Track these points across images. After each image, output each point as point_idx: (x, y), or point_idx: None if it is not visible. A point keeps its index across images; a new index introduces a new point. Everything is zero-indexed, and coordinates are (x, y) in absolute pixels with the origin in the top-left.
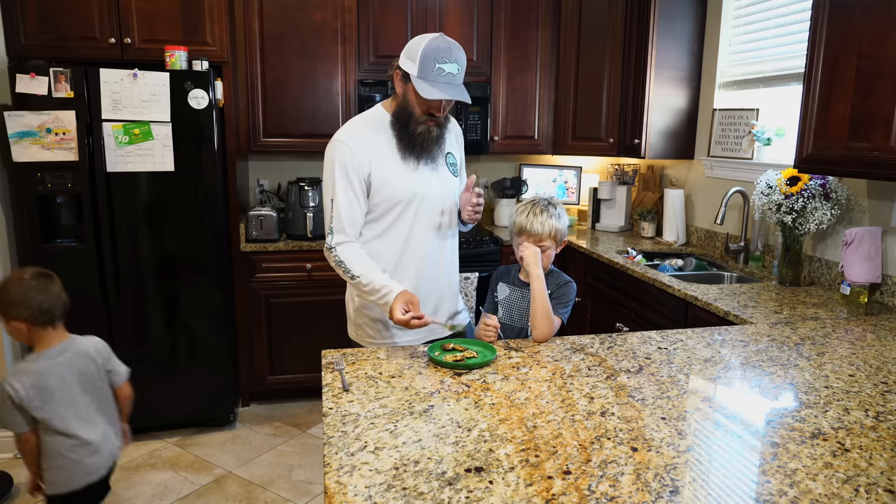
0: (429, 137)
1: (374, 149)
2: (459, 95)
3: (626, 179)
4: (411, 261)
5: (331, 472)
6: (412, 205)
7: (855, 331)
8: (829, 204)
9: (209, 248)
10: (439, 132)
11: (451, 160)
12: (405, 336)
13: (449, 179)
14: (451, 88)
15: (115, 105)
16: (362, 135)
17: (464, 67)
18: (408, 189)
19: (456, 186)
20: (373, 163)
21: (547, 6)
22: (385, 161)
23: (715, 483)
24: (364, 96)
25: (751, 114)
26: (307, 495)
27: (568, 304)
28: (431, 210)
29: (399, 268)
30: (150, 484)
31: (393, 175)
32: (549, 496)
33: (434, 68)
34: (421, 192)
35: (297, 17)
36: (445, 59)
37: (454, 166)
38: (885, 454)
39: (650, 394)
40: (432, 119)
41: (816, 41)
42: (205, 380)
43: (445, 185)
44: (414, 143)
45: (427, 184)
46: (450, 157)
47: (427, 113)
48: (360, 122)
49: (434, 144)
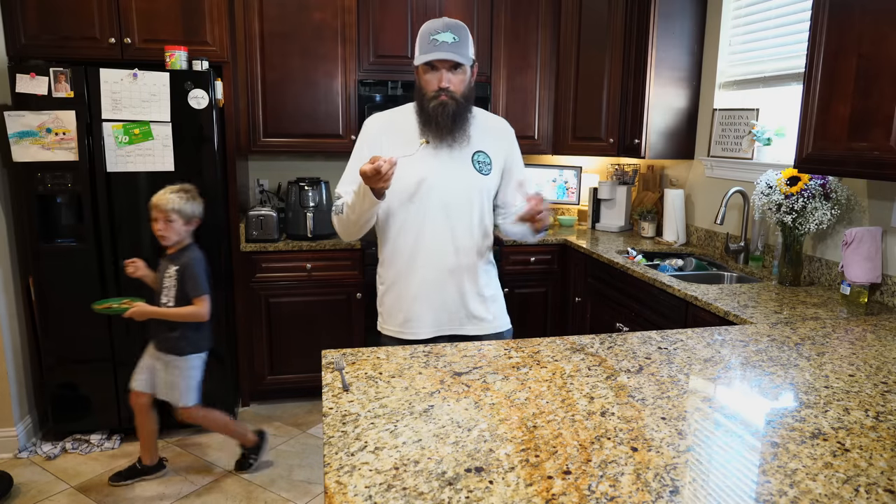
0: (444, 112)
1: (393, 129)
2: (446, 55)
3: (626, 179)
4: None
5: (331, 472)
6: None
7: (855, 331)
8: (829, 204)
9: (209, 248)
10: (456, 108)
11: (482, 158)
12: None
13: (470, 175)
14: (439, 52)
15: (115, 105)
16: (388, 116)
17: (462, 38)
18: (417, 172)
19: (483, 186)
20: (388, 141)
21: (547, 6)
22: (402, 142)
23: (715, 483)
24: (364, 96)
25: (751, 114)
26: (307, 495)
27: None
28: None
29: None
30: (149, 484)
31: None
32: (549, 496)
33: (428, 41)
34: (434, 179)
35: (297, 17)
36: (438, 30)
37: (484, 164)
38: (885, 454)
39: (650, 394)
40: (443, 93)
41: (816, 41)
42: (205, 380)
43: (464, 178)
44: (430, 120)
45: (442, 172)
46: (480, 154)
47: (436, 89)
48: (392, 109)
49: (450, 121)
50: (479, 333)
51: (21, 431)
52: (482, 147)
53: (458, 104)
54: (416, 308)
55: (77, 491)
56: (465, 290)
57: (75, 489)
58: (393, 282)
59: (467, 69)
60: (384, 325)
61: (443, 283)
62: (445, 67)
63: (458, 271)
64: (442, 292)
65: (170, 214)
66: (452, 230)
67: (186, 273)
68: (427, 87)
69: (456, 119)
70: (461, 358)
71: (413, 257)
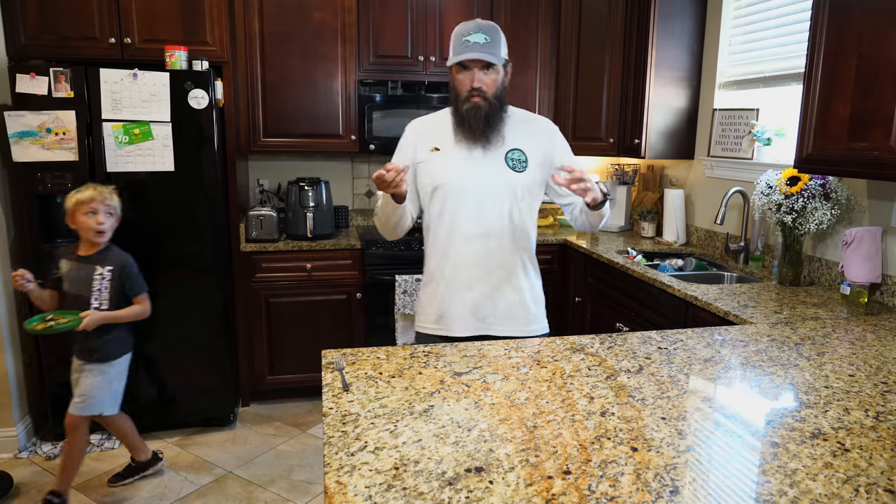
0: (476, 114)
1: (430, 132)
2: (477, 55)
3: (626, 179)
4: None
5: (331, 472)
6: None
7: (855, 331)
8: (829, 204)
9: (209, 248)
10: (489, 109)
11: (517, 155)
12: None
13: (503, 173)
14: (471, 53)
15: (115, 105)
16: (428, 120)
17: (494, 38)
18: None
19: (517, 183)
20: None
21: (547, 6)
22: (437, 144)
23: (715, 483)
24: (364, 96)
25: (751, 114)
26: (307, 495)
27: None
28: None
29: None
30: (149, 484)
31: (440, 159)
32: (549, 496)
33: (460, 42)
34: (466, 180)
35: (297, 17)
36: (470, 31)
37: (518, 162)
38: (885, 454)
39: (650, 394)
40: (476, 94)
41: (816, 41)
42: (205, 380)
43: (496, 177)
44: (464, 122)
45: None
46: (515, 152)
47: (469, 89)
48: (434, 113)
49: (483, 123)
50: (514, 335)
51: (21, 431)
52: (517, 145)
53: (491, 105)
54: (448, 305)
55: (77, 491)
56: (500, 290)
57: (75, 489)
58: (430, 278)
59: (500, 69)
60: (418, 323)
61: (475, 282)
62: (477, 67)
63: (491, 270)
64: (474, 291)
65: (111, 207)
66: (485, 230)
67: (125, 272)
68: (460, 88)
69: (489, 121)
70: (461, 358)
71: (445, 255)
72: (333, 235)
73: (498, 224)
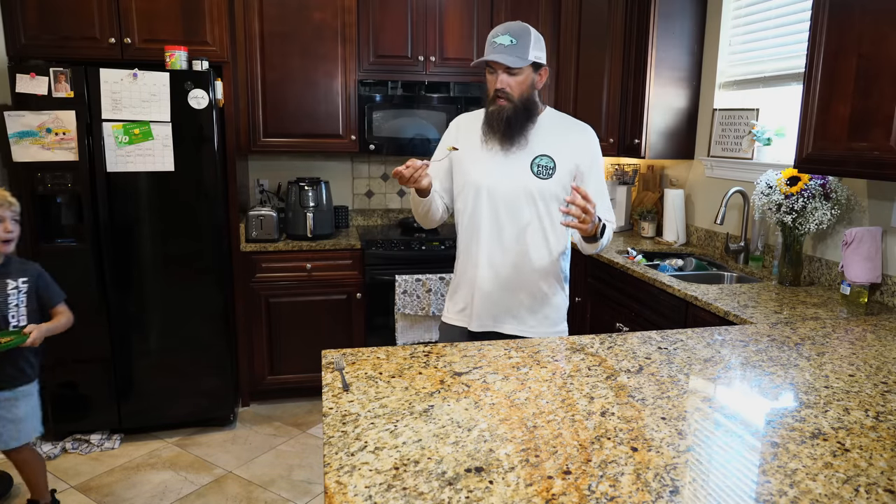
0: (499, 116)
1: (469, 129)
2: (497, 57)
3: (627, 179)
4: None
5: (331, 472)
6: (482, 192)
7: (855, 331)
8: (829, 204)
9: (209, 248)
10: (512, 112)
11: (544, 162)
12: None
13: (526, 178)
14: (492, 55)
15: (115, 105)
16: (472, 116)
17: (521, 40)
18: (475, 173)
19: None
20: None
21: (547, 6)
22: (469, 144)
23: (715, 483)
24: (364, 96)
25: (751, 114)
26: (307, 495)
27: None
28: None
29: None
30: (149, 484)
31: (468, 157)
32: (549, 496)
33: (489, 43)
34: (485, 181)
35: (297, 17)
36: (498, 33)
37: (545, 168)
38: (885, 454)
39: (650, 394)
40: (500, 97)
41: (816, 41)
42: (205, 380)
43: (517, 181)
44: (489, 123)
45: (495, 174)
46: (543, 158)
47: (494, 91)
48: (479, 110)
49: (504, 125)
50: (530, 335)
51: None
52: (547, 151)
53: (515, 107)
54: (469, 300)
55: (77, 491)
56: (518, 292)
57: (75, 489)
58: (459, 272)
59: (527, 71)
60: (446, 313)
61: (494, 282)
62: (501, 69)
63: (509, 273)
64: (493, 290)
65: (17, 213)
66: (503, 231)
67: (41, 282)
68: (489, 89)
69: (510, 123)
70: (461, 358)
71: (468, 252)
72: (333, 235)
73: (516, 228)
